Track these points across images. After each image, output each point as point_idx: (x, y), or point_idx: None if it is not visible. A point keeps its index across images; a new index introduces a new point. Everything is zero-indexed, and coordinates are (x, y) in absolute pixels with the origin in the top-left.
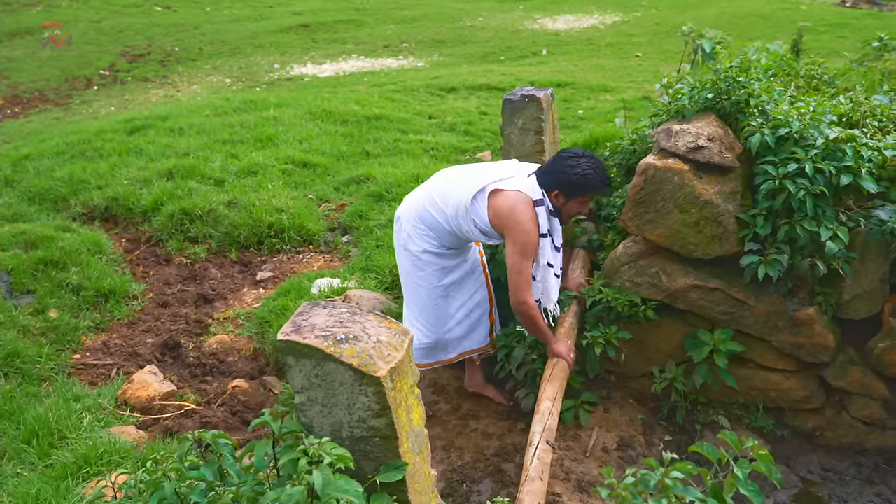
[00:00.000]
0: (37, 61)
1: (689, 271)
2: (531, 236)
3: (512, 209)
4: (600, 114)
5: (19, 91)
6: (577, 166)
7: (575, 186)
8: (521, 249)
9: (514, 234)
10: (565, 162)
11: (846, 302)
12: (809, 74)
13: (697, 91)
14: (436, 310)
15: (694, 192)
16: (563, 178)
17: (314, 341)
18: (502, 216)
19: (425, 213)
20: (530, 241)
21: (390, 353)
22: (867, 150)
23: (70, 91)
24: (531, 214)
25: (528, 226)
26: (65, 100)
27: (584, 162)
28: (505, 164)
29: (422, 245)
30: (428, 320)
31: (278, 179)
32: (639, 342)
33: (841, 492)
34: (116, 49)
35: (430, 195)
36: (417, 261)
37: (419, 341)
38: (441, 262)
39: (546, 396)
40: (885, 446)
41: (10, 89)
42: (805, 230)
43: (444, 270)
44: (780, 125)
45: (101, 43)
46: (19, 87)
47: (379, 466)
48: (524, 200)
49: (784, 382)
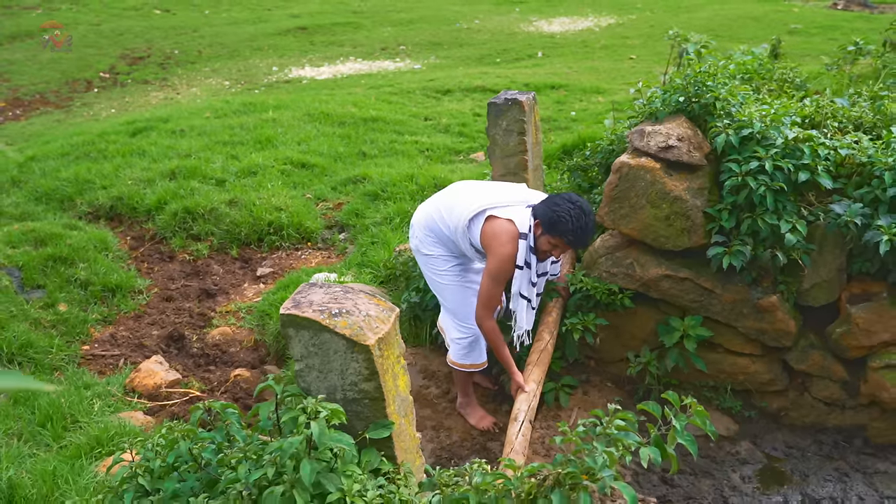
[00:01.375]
0: (37, 64)
1: (660, 262)
2: (506, 265)
3: (497, 235)
4: (592, 115)
5: (20, 93)
6: (561, 208)
7: (550, 223)
8: (494, 274)
9: (492, 258)
10: (557, 199)
11: (806, 290)
12: (782, 78)
13: (669, 95)
14: (463, 301)
15: (664, 189)
16: (547, 212)
17: (312, 315)
18: (487, 239)
19: (433, 225)
20: (504, 269)
21: (378, 325)
22: (824, 150)
23: (70, 93)
24: (512, 245)
25: (505, 255)
26: (65, 102)
27: (570, 208)
28: (513, 188)
29: (433, 251)
30: (457, 315)
31: (277, 179)
32: (615, 329)
33: (803, 467)
34: (116, 52)
35: (438, 208)
36: (431, 258)
37: (456, 338)
38: (454, 260)
39: (532, 378)
40: (844, 425)
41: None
42: (766, 223)
43: (454, 257)
44: (743, 126)
45: (100, 46)
46: (20, 89)
47: (368, 425)
48: (509, 231)
49: (750, 366)
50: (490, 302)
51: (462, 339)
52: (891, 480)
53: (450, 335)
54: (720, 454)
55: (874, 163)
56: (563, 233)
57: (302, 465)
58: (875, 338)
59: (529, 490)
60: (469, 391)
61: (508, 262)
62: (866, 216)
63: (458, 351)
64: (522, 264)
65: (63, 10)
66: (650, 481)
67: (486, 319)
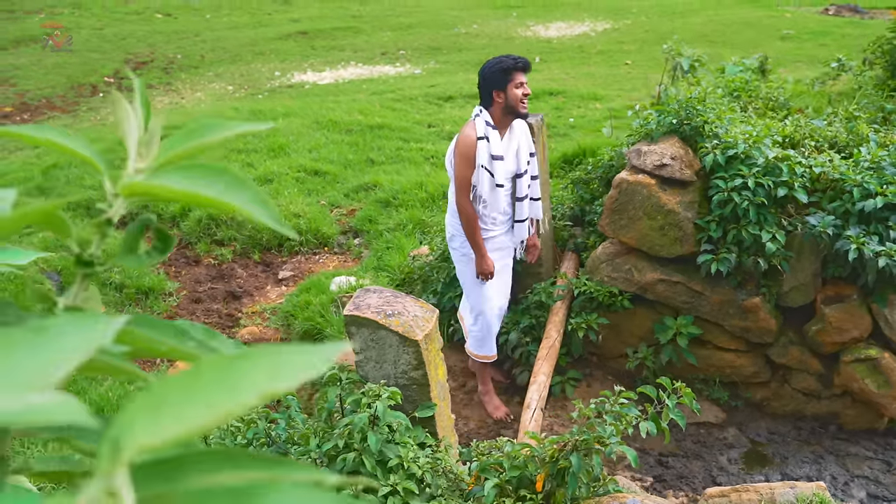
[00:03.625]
0: (42, 68)
1: (656, 268)
2: (465, 140)
3: (458, 134)
4: (590, 122)
5: (27, 98)
6: (491, 63)
7: (497, 75)
8: (460, 159)
9: (457, 146)
10: (484, 68)
11: (785, 293)
12: (767, 97)
13: (663, 117)
14: (476, 292)
15: (659, 202)
16: (487, 78)
17: (371, 315)
18: (454, 144)
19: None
20: (465, 144)
21: (424, 324)
22: (800, 168)
23: (76, 98)
24: (468, 128)
25: (463, 137)
26: (72, 107)
27: (495, 58)
28: None
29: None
30: (469, 298)
31: (293, 187)
32: (616, 327)
33: (783, 450)
34: (120, 56)
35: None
36: (453, 239)
37: (471, 325)
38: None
39: (542, 371)
40: (821, 413)
41: (17, 97)
42: (749, 233)
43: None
44: (729, 147)
45: (104, 50)
46: (26, 94)
47: (416, 407)
48: (467, 125)
49: (736, 360)
50: (463, 183)
51: (475, 329)
52: (860, 462)
53: (466, 323)
54: (709, 439)
55: (845, 179)
56: (509, 66)
57: (369, 436)
58: (846, 335)
59: (552, 454)
60: (487, 380)
61: (466, 138)
62: (838, 227)
63: (473, 342)
64: (482, 135)
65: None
66: (647, 463)
67: (465, 205)
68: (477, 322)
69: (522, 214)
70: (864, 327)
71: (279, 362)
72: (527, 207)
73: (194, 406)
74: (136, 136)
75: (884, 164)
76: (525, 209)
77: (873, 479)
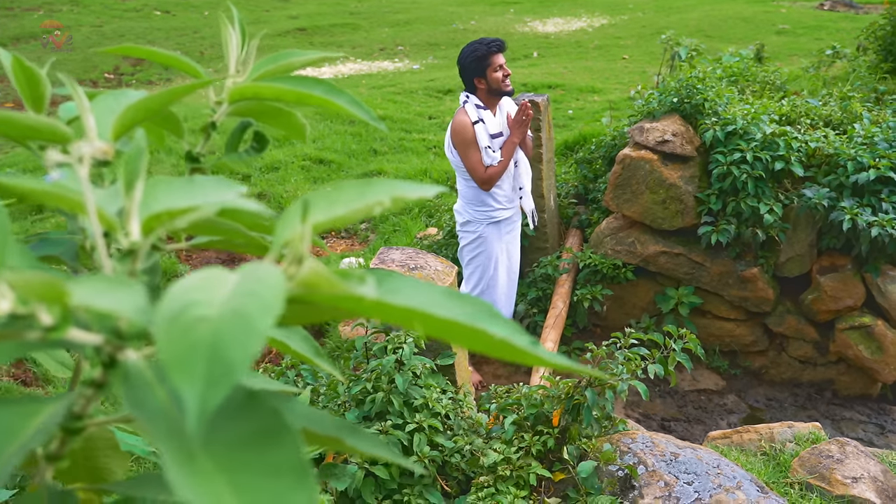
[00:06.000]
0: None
1: (658, 240)
2: (461, 129)
3: (451, 123)
4: (588, 113)
5: None
6: (465, 52)
7: (476, 62)
8: (463, 147)
9: (453, 136)
10: (460, 58)
11: (782, 263)
12: (764, 80)
13: (664, 96)
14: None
15: (661, 177)
16: (466, 67)
17: (395, 268)
18: (449, 133)
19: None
20: (465, 135)
21: (445, 277)
22: (796, 143)
23: None
24: (460, 115)
25: (458, 125)
26: None
27: (468, 47)
28: None
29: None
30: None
31: (299, 175)
32: (619, 299)
33: (780, 415)
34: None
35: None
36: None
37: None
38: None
39: (549, 339)
40: (816, 379)
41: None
42: (748, 205)
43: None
44: (728, 123)
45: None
46: None
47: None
48: (457, 112)
49: (735, 329)
50: (477, 167)
51: None
52: (854, 425)
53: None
54: (710, 405)
55: (839, 154)
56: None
57: (396, 377)
58: (841, 303)
59: (568, 391)
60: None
61: (462, 128)
62: (832, 199)
63: None
64: (476, 119)
65: (65, 12)
66: (650, 427)
67: (485, 174)
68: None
69: (521, 181)
70: (857, 296)
71: (401, 184)
72: (524, 174)
73: (347, 200)
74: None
75: (877, 139)
76: (523, 176)
77: (867, 442)
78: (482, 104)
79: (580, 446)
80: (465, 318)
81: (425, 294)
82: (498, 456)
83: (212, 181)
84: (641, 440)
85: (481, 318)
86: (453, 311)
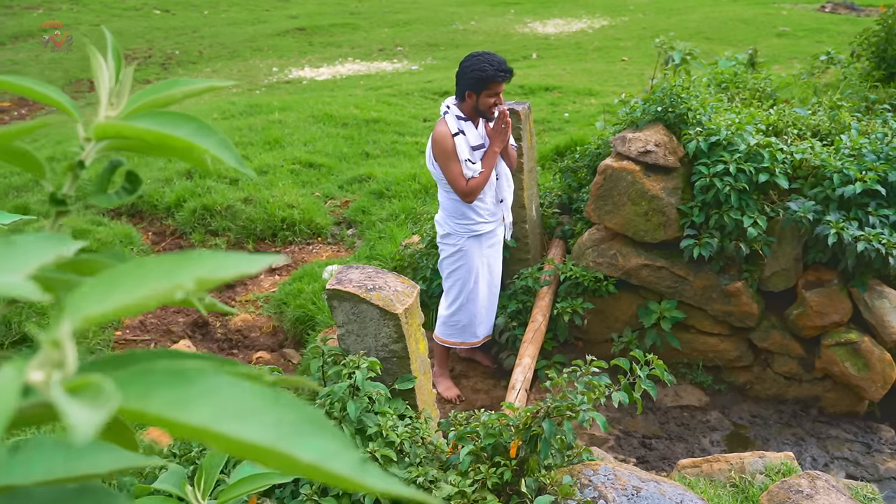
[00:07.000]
0: (40, 64)
1: (640, 253)
2: (442, 140)
3: (432, 134)
4: (584, 117)
5: None
6: (472, 64)
7: (477, 81)
8: (443, 159)
9: (434, 147)
10: (464, 65)
11: (767, 277)
12: (755, 87)
13: (648, 105)
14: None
15: (643, 188)
16: (466, 78)
17: (352, 289)
18: (430, 144)
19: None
20: (443, 144)
21: (404, 298)
22: (781, 154)
23: (74, 93)
24: (441, 127)
25: (438, 136)
26: None
27: (477, 60)
28: None
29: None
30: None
31: (287, 178)
32: (601, 312)
33: (764, 433)
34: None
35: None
36: (448, 245)
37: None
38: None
39: (527, 354)
40: (801, 396)
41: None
42: (731, 218)
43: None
44: (711, 133)
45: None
46: None
47: (396, 379)
48: (438, 123)
49: (719, 344)
50: (458, 179)
51: (454, 319)
52: (840, 444)
53: (440, 311)
54: (692, 422)
55: (825, 166)
56: (491, 77)
57: (348, 405)
58: (827, 318)
59: (526, 421)
60: (444, 363)
61: (441, 136)
62: (818, 212)
63: (443, 328)
64: (456, 131)
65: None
66: (630, 444)
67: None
68: (460, 311)
69: (503, 193)
70: (844, 311)
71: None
72: (506, 186)
73: (136, 287)
74: (108, 86)
75: (864, 151)
76: (504, 188)
77: (853, 461)
78: (464, 115)
79: (539, 479)
80: (270, 438)
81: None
82: (452, 489)
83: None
84: (604, 472)
85: (295, 436)
86: (256, 429)
